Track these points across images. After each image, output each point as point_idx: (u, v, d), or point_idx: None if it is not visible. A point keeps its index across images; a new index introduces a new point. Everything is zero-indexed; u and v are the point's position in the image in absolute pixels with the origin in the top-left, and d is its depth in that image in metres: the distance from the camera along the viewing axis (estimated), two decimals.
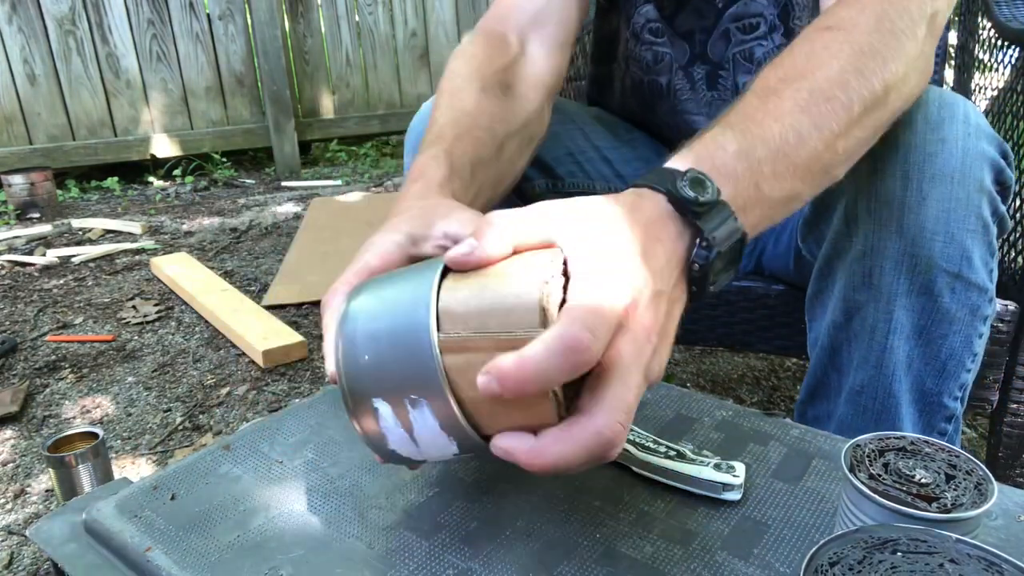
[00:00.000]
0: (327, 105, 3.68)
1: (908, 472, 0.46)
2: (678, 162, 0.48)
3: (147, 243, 2.55)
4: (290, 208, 2.97)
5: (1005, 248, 0.95)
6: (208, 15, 3.36)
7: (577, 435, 0.40)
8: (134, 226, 2.69)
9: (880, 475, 0.45)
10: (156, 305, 2.02)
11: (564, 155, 0.93)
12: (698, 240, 0.45)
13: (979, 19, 1.21)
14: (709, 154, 0.49)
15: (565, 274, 0.43)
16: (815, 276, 0.72)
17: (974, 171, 0.63)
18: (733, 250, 0.47)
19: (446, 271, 0.45)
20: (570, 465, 0.41)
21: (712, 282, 0.47)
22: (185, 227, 2.76)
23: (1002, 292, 0.85)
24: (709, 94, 0.89)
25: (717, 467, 0.55)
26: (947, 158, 0.62)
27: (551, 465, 0.41)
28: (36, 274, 2.31)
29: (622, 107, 1.00)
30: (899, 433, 0.49)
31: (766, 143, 0.51)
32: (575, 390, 0.42)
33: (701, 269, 0.45)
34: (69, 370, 1.69)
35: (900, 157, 0.63)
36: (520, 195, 0.89)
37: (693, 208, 0.45)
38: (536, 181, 0.91)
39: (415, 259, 0.53)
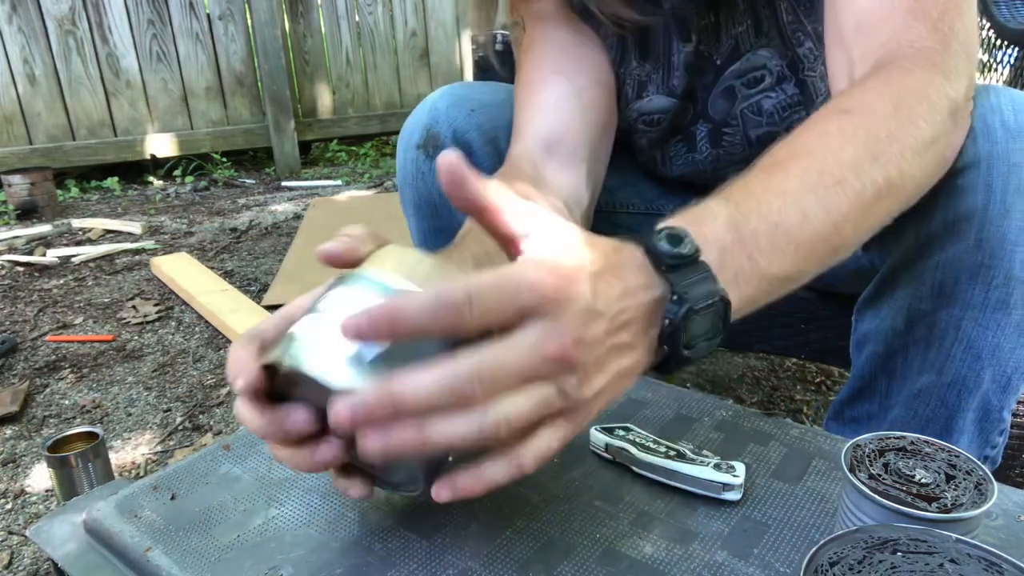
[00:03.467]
0: (327, 105, 3.68)
1: (908, 472, 0.46)
2: (663, 224, 0.47)
3: (147, 243, 2.55)
4: (290, 208, 2.97)
5: None
6: (208, 15, 3.36)
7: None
8: (134, 226, 2.69)
9: (880, 475, 0.45)
10: (156, 305, 2.02)
11: None
12: (672, 295, 0.44)
13: (978, 19, 1.21)
14: (697, 219, 0.48)
15: None
16: (876, 282, 0.70)
17: None
18: (715, 316, 0.45)
19: None
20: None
21: (687, 344, 0.44)
22: (185, 227, 2.76)
23: None
24: (713, 152, 0.86)
25: (717, 467, 0.55)
26: None
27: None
28: (36, 274, 2.31)
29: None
30: (899, 433, 0.49)
31: (763, 217, 0.49)
32: None
33: (671, 324, 0.43)
34: (69, 370, 1.69)
35: (983, 170, 0.61)
36: None
37: (667, 260, 0.44)
38: None
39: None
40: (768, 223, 0.49)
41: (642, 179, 0.96)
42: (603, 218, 0.94)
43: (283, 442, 0.45)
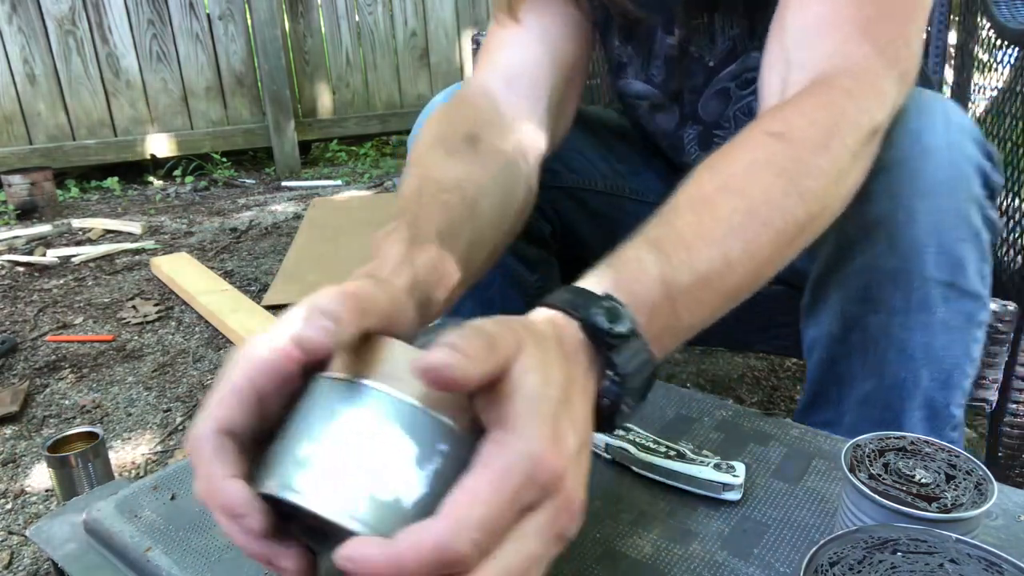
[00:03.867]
0: (327, 105, 3.68)
1: (908, 472, 0.46)
2: (595, 282, 0.45)
3: (147, 243, 2.55)
4: (290, 208, 2.97)
5: (1004, 248, 0.95)
6: (208, 15, 3.36)
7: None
8: (134, 226, 2.69)
9: (880, 475, 0.45)
10: (156, 305, 2.02)
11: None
12: (609, 373, 0.42)
13: (978, 19, 1.21)
14: (628, 279, 0.46)
15: None
16: (810, 287, 0.71)
17: (962, 181, 0.62)
18: (645, 382, 0.44)
19: None
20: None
21: (622, 414, 0.43)
22: (185, 227, 2.76)
23: (1001, 292, 0.85)
24: (702, 154, 0.85)
25: (717, 467, 0.55)
26: (933, 171, 0.61)
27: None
28: (36, 274, 2.31)
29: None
30: (899, 433, 0.49)
31: (693, 269, 0.48)
32: None
33: (611, 404, 0.42)
34: (69, 370, 1.69)
35: (885, 176, 0.61)
36: None
37: (607, 340, 0.42)
38: None
39: None
40: (698, 276, 0.48)
41: (646, 169, 0.97)
42: (613, 202, 0.94)
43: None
